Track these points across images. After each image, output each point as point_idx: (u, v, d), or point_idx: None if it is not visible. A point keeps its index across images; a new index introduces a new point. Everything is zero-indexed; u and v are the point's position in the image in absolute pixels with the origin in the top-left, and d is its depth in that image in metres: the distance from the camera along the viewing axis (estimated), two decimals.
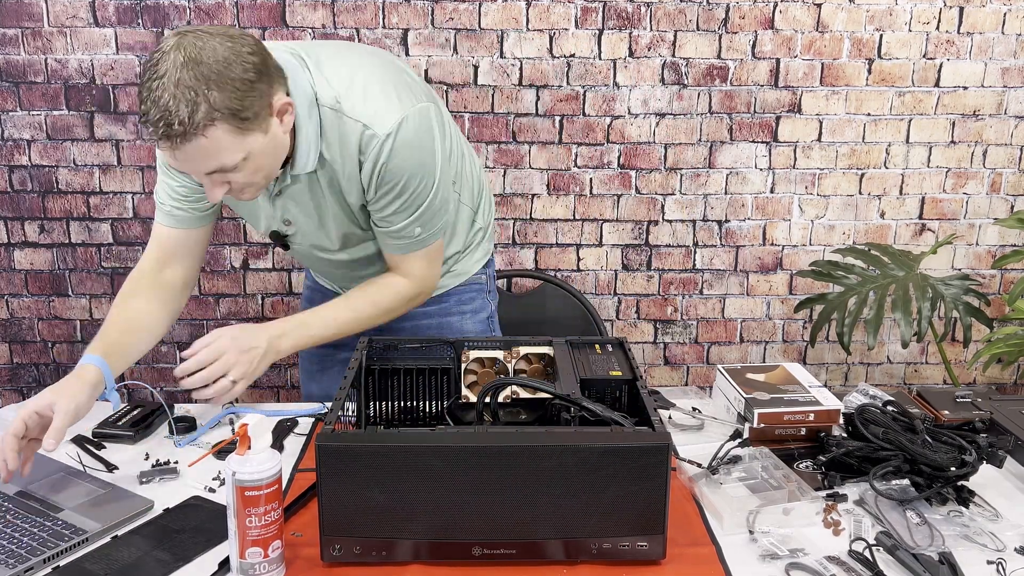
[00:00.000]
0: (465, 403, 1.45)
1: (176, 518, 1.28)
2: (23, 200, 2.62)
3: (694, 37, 2.55)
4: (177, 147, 1.23)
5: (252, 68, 1.25)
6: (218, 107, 1.21)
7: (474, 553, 1.15)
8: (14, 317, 2.72)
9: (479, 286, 1.78)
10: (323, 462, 1.11)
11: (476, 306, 1.78)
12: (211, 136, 1.23)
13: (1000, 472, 1.40)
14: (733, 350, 2.83)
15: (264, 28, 2.50)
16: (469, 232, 1.72)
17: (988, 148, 2.67)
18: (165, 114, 1.20)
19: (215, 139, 1.23)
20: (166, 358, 2.76)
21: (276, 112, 1.31)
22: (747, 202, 2.69)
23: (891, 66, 2.59)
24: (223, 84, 1.21)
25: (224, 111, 1.22)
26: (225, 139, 1.24)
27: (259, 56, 1.27)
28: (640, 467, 1.12)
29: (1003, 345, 2.34)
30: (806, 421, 1.46)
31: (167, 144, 1.23)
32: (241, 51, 1.24)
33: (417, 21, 2.51)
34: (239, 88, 1.23)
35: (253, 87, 1.25)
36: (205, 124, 1.21)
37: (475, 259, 1.76)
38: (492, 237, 1.83)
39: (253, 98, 1.25)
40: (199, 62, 1.20)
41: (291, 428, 1.56)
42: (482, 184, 1.75)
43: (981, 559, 1.18)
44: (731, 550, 1.20)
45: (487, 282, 1.80)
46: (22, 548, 1.18)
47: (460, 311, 1.76)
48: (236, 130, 1.25)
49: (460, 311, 1.76)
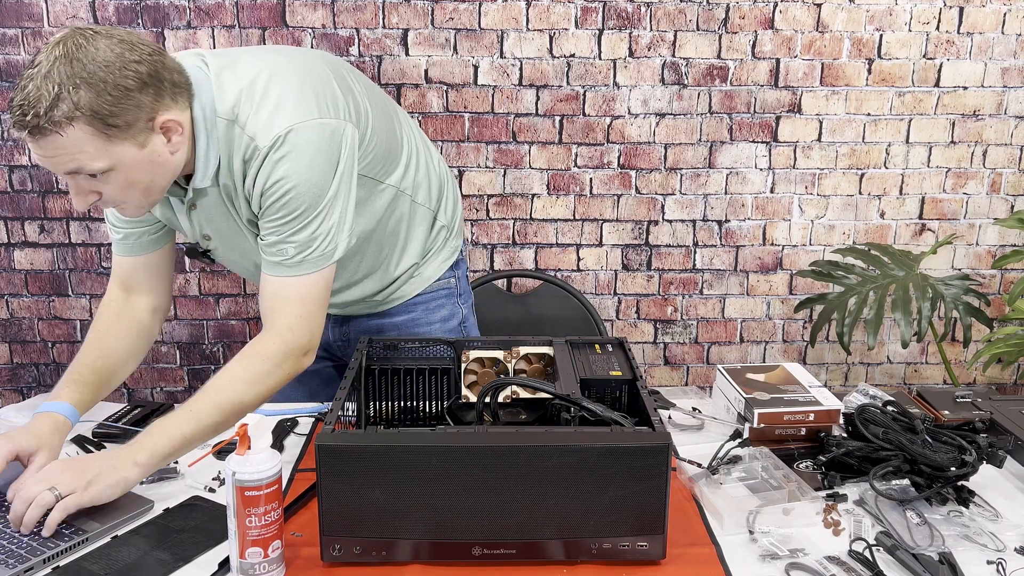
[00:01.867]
0: (465, 403, 1.45)
1: (176, 518, 1.27)
2: (23, 200, 2.62)
3: (694, 37, 2.55)
4: (32, 139, 1.19)
5: (134, 76, 1.20)
6: (81, 107, 1.17)
7: (474, 553, 1.15)
8: (14, 317, 2.72)
9: (447, 291, 1.73)
10: (323, 462, 1.11)
11: (445, 314, 1.73)
12: (69, 135, 1.18)
13: (1000, 472, 1.40)
14: (733, 350, 2.83)
15: (264, 28, 2.50)
16: (429, 235, 1.68)
17: (988, 148, 2.67)
18: (24, 103, 1.17)
19: (74, 139, 1.19)
20: (166, 358, 2.75)
21: (159, 128, 1.26)
22: (747, 202, 2.69)
23: (891, 66, 2.59)
24: (94, 85, 1.17)
25: (88, 112, 1.18)
26: (85, 141, 1.20)
27: (149, 67, 1.22)
28: (640, 467, 1.12)
29: (1003, 345, 2.34)
30: (806, 421, 1.46)
31: (22, 134, 1.19)
32: (127, 57, 1.20)
33: (417, 21, 2.51)
34: (111, 93, 1.19)
35: (129, 95, 1.20)
36: (62, 121, 1.17)
37: (440, 260, 1.71)
38: (459, 234, 1.76)
39: (127, 106, 1.20)
40: (75, 59, 1.17)
41: (291, 428, 1.56)
42: (443, 181, 1.70)
43: (981, 559, 1.17)
44: (731, 550, 1.20)
45: (456, 284, 1.74)
46: (22, 548, 1.17)
47: (428, 320, 1.71)
48: (101, 135, 1.20)
49: (428, 320, 1.71)
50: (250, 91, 1.34)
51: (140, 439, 1.30)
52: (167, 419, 1.33)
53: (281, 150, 1.32)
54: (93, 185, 1.27)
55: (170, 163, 1.31)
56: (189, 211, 1.45)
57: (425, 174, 1.64)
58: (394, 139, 1.56)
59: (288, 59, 1.42)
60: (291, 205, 1.35)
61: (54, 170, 1.25)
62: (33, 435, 1.30)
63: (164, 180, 1.33)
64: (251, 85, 1.34)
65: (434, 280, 1.71)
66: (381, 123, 1.51)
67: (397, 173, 1.57)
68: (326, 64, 1.47)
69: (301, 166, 1.34)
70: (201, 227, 1.48)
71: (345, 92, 1.43)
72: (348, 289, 1.64)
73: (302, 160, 1.33)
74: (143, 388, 2.79)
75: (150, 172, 1.29)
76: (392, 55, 2.53)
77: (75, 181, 1.27)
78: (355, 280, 1.63)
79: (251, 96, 1.34)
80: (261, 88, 1.34)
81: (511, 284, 2.59)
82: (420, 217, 1.64)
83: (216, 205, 1.43)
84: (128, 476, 1.27)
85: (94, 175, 1.25)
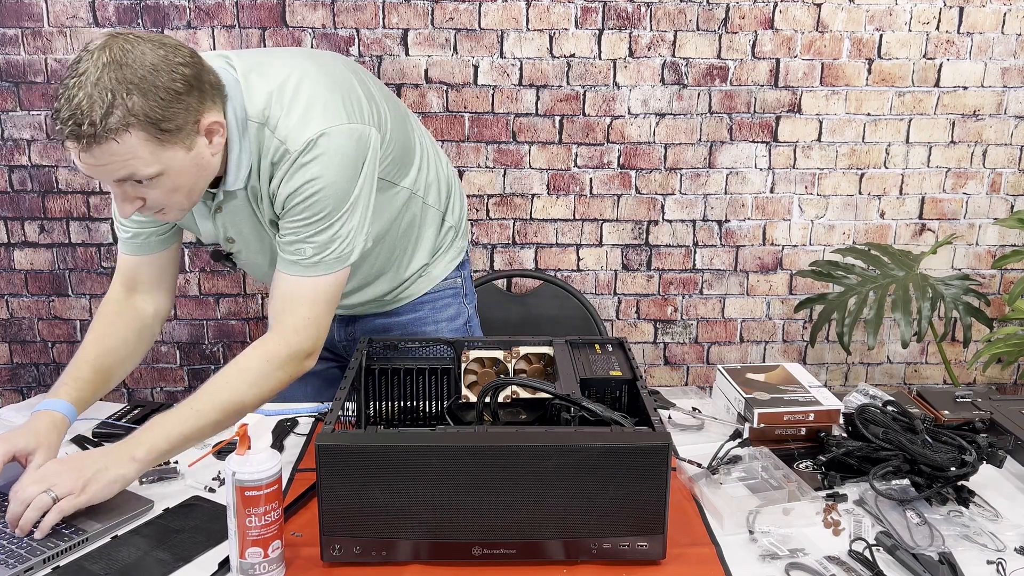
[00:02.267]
0: (465, 403, 1.45)
1: (176, 518, 1.28)
2: (23, 200, 2.62)
3: (694, 37, 2.55)
4: (85, 148, 1.18)
5: (181, 79, 1.20)
6: (136, 112, 1.17)
7: (474, 553, 1.15)
8: (14, 317, 2.72)
9: (453, 290, 1.75)
10: (323, 462, 1.11)
11: (451, 313, 1.74)
12: (124, 141, 1.18)
13: (1000, 472, 1.40)
14: (733, 350, 2.83)
15: (264, 28, 2.50)
16: (439, 235, 1.70)
17: (988, 148, 2.67)
18: (76, 113, 1.15)
19: (129, 145, 1.18)
20: (166, 358, 2.76)
21: (204, 131, 1.26)
22: (747, 202, 2.69)
23: (891, 66, 2.59)
24: (146, 90, 1.17)
25: (142, 118, 1.17)
26: (140, 147, 1.19)
27: (192, 69, 1.23)
28: (640, 467, 1.12)
29: (1003, 345, 2.34)
30: (806, 421, 1.46)
31: (74, 144, 1.18)
32: (172, 60, 1.20)
33: (417, 21, 2.51)
34: (163, 97, 1.18)
35: (179, 99, 1.21)
36: (119, 128, 1.16)
37: (448, 260, 1.73)
38: (465, 235, 1.78)
39: (177, 110, 1.21)
40: (123, 64, 1.16)
41: (291, 428, 1.56)
42: (450, 182, 1.72)
43: (981, 559, 1.17)
44: (731, 550, 1.20)
45: (462, 285, 1.77)
46: (22, 548, 1.17)
47: (435, 319, 1.72)
48: (154, 140, 1.20)
49: (435, 319, 1.72)
50: (280, 94, 1.34)
51: (138, 435, 1.30)
52: (166, 416, 1.33)
53: (311, 153, 1.33)
54: (139, 191, 1.27)
55: (211, 165, 1.31)
56: (214, 214, 1.45)
57: (435, 176, 1.66)
58: (408, 142, 1.58)
59: (313, 63, 1.42)
60: (316, 207, 1.36)
61: (103, 179, 1.24)
62: (31, 434, 1.30)
63: (204, 183, 1.33)
64: (280, 88, 1.35)
65: (441, 280, 1.72)
66: (397, 126, 1.52)
67: (411, 175, 1.58)
68: (347, 67, 1.48)
69: (330, 170, 1.34)
70: (225, 230, 1.49)
71: (368, 96, 1.44)
72: (361, 291, 1.65)
73: (331, 164, 1.34)
74: (143, 388, 2.79)
75: (195, 175, 1.29)
76: (392, 55, 2.53)
77: (122, 188, 1.26)
78: (368, 281, 1.64)
79: (281, 99, 1.34)
80: (291, 91, 1.35)
81: (511, 284, 2.59)
82: (431, 218, 1.66)
83: (242, 208, 1.43)
84: (126, 473, 1.26)
85: (140, 181, 1.24)
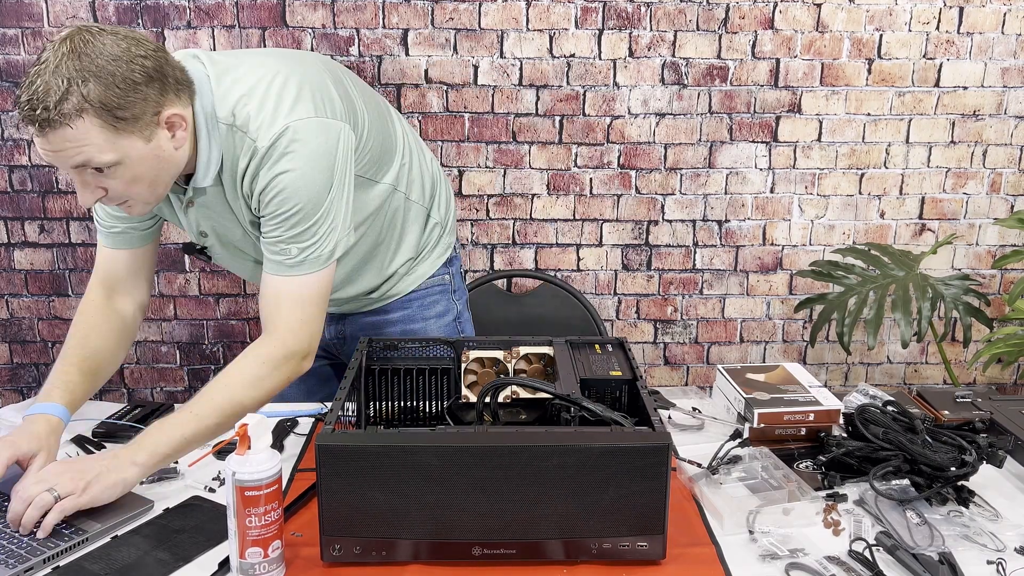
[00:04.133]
0: (465, 403, 1.45)
1: (176, 518, 1.28)
2: (23, 200, 2.62)
3: (694, 37, 2.55)
4: (41, 133, 1.21)
5: (141, 70, 1.23)
6: (91, 99, 1.19)
7: (474, 553, 1.15)
8: (14, 317, 2.71)
9: (442, 287, 1.76)
10: (323, 462, 1.11)
11: (440, 309, 1.76)
12: (78, 127, 1.20)
13: (1000, 472, 1.40)
14: (733, 350, 2.83)
15: (264, 28, 2.50)
16: (424, 231, 1.71)
17: (988, 148, 2.67)
18: (33, 98, 1.18)
19: (83, 131, 1.21)
20: (166, 358, 2.75)
21: (164, 123, 1.28)
22: (747, 202, 2.69)
23: (891, 66, 2.59)
24: (103, 78, 1.19)
25: (97, 105, 1.20)
26: (95, 133, 1.21)
27: (154, 62, 1.25)
28: (640, 467, 1.12)
29: (1003, 345, 2.34)
30: (806, 421, 1.46)
31: (32, 129, 1.21)
32: (133, 52, 1.22)
33: (417, 21, 2.51)
34: (119, 86, 1.21)
35: (137, 88, 1.23)
36: (72, 113, 1.19)
37: (435, 257, 1.74)
38: (453, 231, 1.80)
39: (135, 99, 1.23)
40: (82, 54, 1.19)
41: (291, 428, 1.56)
42: (435, 179, 1.73)
43: (981, 559, 1.18)
44: (731, 550, 1.20)
45: (451, 281, 1.78)
46: (22, 548, 1.17)
47: (423, 316, 1.74)
48: (109, 127, 1.22)
49: (423, 316, 1.74)
50: (250, 95, 1.36)
51: (139, 439, 1.31)
52: (167, 420, 1.34)
53: (279, 148, 1.35)
54: (99, 180, 1.29)
55: (174, 158, 1.33)
56: (186, 208, 1.47)
57: (419, 172, 1.67)
58: (389, 140, 1.59)
59: (285, 63, 1.44)
60: (290, 202, 1.37)
61: (60, 164, 1.26)
62: (33, 437, 1.31)
63: (168, 176, 1.35)
64: (251, 90, 1.37)
65: (428, 276, 1.74)
66: (376, 125, 1.53)
67: (392, 172, 1.60)
68: (322, 66, 1.49)
69: (299, 163, 1.35)
70: (198, 224, 1.50)
71: (341, 95, 1.45)
72: (346, 286, 1.66)
73: (299, 157, 1.35)
74: (143, 388, 2.78)
75: (155, 167, 1.31)
76: (392, 55, 2.53)
77: (81, 176, 1.28)
78: (354, 276, 1.65)
79: (251, 100, 1.36)
80: (261, 92, 1.37)
81: (511, 284, 2.59)
82: (414, 214, 1.67)
83: (215, 204, 1.45)
84: (127, 477, 1.27)
85: (100, 170, 1.26)
